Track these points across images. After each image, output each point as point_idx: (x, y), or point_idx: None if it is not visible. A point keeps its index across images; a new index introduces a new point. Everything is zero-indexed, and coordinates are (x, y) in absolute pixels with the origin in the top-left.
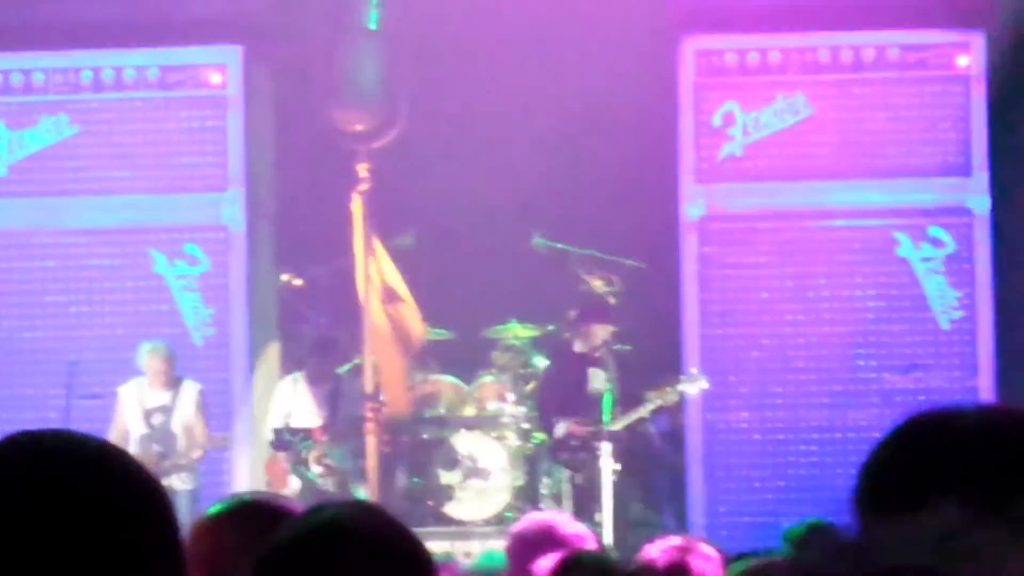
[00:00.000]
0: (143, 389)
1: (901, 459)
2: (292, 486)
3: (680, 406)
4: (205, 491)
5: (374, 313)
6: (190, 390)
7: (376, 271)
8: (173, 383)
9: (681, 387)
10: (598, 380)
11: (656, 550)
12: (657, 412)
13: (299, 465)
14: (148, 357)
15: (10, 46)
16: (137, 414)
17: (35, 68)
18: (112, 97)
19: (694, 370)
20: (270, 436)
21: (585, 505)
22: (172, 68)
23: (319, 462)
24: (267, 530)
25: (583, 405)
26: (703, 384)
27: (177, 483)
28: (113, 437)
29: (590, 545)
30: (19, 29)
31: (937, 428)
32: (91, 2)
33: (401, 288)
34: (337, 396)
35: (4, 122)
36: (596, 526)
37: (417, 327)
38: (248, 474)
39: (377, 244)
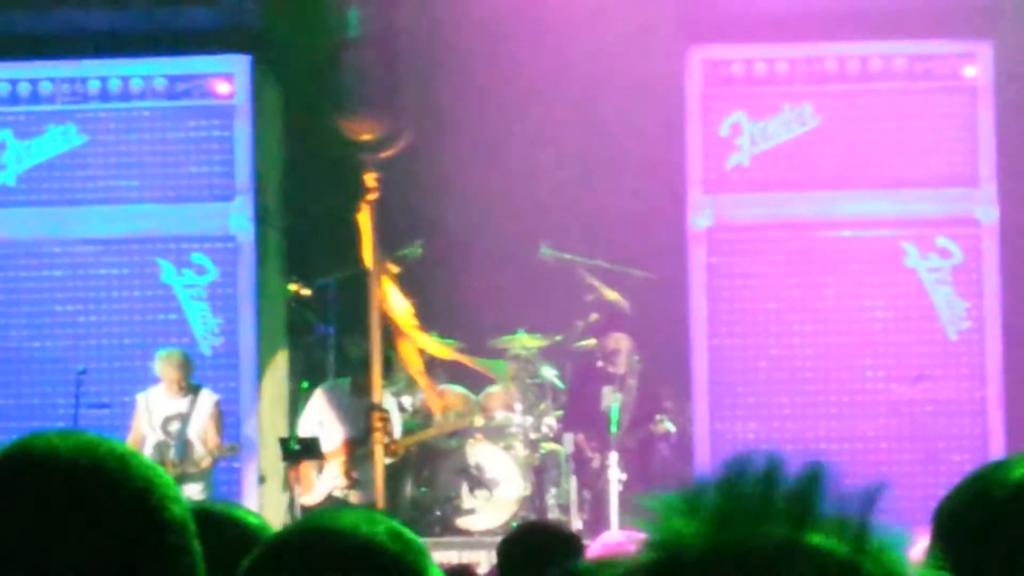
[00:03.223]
0: (161, 396)
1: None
2: (317, 492)
3: (688, 417)
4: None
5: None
6: (207, 399)
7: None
8: (190, 390)
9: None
10: (609, 395)
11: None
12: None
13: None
14: (162, 364)
15: (17, 55)
16: (154, 421)
17: (42, 78)
18: (119, 107)
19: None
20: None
21: (593, 515)
22: (179, 78)
23: (346, 475)
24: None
25: (597, 421)
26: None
27: (192, 493)
28: (130, 443)
29: None
30: (26, 38)
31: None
32: (99, 12)
33: (403, 318)
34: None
35: (12, 132)
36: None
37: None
38: (255, 485)
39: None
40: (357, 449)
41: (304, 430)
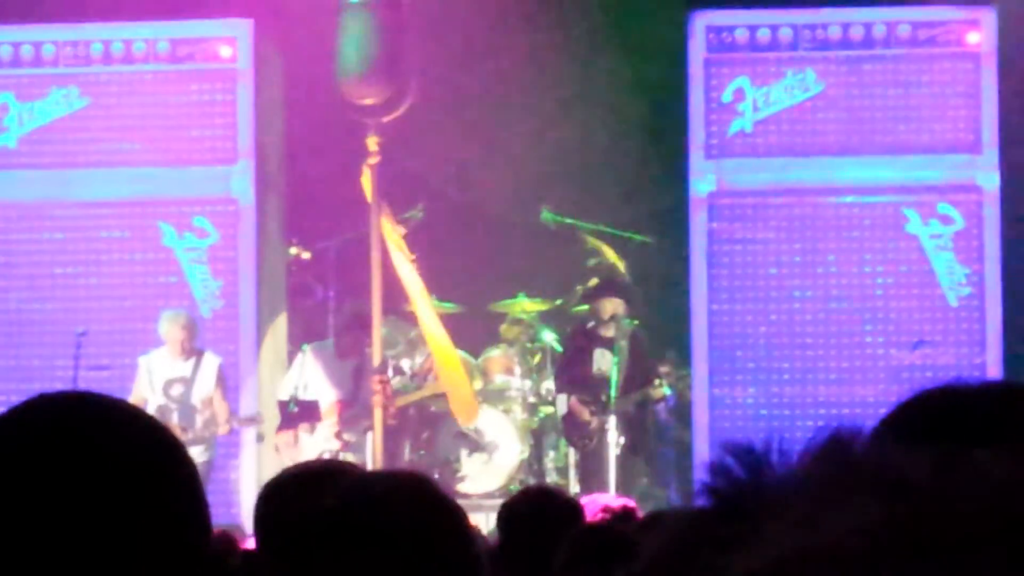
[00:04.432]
0: (163, 359)
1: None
2: (307, 453)
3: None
4: (218, 461)
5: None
6: (210, 363)
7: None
8: (193, 353)
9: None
10: (604, 360)
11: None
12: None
13: None
14: (168, 325)
15: (21, 18)
16: (155, 384)
17: (45, 40)
18: (122, 70)
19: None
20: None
21: (591, 479)
22: (182, 41)
23: (337, 436)
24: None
25: (589, 383)
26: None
27: (195, 454)
28: None
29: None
30: (30, 2)
31: (942, 403)
32: None
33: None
34: (361, 373)
35: (14, 94)
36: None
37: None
38: (254, 445)
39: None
40: (347, 411)
41: (288, 391)
